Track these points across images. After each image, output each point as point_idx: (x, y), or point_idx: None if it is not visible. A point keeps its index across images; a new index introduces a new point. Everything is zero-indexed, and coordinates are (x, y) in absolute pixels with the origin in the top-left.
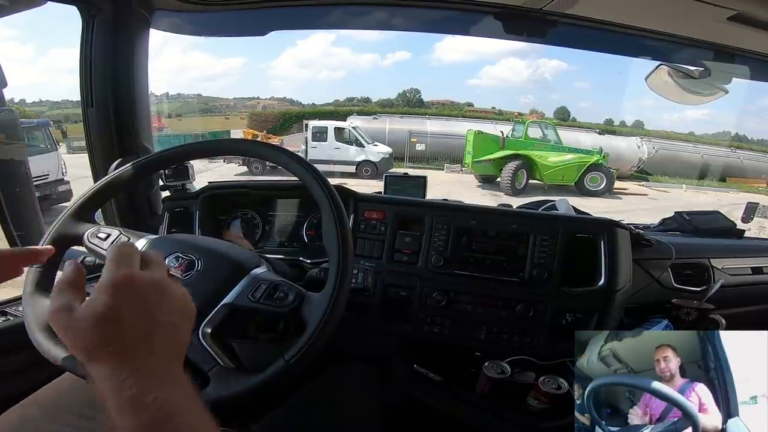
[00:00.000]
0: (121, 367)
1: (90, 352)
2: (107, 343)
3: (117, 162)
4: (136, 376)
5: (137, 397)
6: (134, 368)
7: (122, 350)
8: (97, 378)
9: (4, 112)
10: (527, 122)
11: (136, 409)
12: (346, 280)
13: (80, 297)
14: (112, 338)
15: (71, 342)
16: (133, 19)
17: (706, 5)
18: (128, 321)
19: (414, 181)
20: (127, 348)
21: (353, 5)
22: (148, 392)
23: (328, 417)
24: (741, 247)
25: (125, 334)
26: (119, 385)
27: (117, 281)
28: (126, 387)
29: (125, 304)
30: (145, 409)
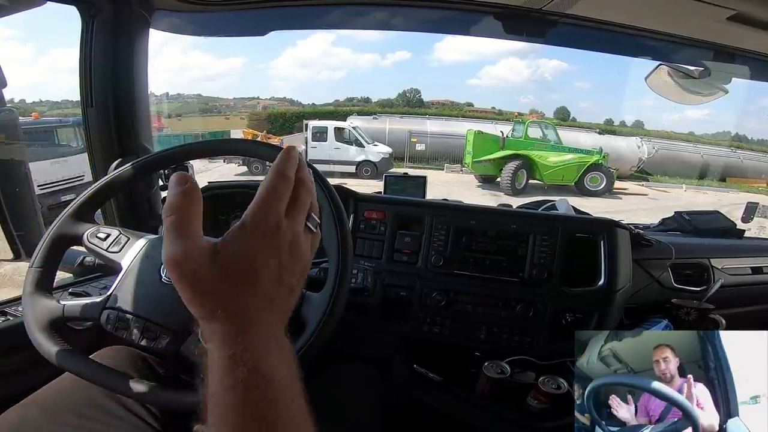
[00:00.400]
0: (233, 328)
1: (209, 311)
2: (230, 298)
3: (117, 162)
4: (254, 343)
5: (252, 370)
6: (256, 334)
7: (247, 313)
8: (206, 336)
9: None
10: (527, 122)
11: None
12: (345, 280)
13: (198, 231)
14: (236, 292)
15: (192, 295)
16: (132, 19)
17: (706, 5)
18: (264, 282)
19: (414, 181)
20: (252, 311)
21: (353, 5)
22: (260, 361)
23: (328, 417)
24: (741, 247)
25: (249, 290)
26: (234, 353)
27: (262, 227)
28: (241, 356)
29: (259, 256)
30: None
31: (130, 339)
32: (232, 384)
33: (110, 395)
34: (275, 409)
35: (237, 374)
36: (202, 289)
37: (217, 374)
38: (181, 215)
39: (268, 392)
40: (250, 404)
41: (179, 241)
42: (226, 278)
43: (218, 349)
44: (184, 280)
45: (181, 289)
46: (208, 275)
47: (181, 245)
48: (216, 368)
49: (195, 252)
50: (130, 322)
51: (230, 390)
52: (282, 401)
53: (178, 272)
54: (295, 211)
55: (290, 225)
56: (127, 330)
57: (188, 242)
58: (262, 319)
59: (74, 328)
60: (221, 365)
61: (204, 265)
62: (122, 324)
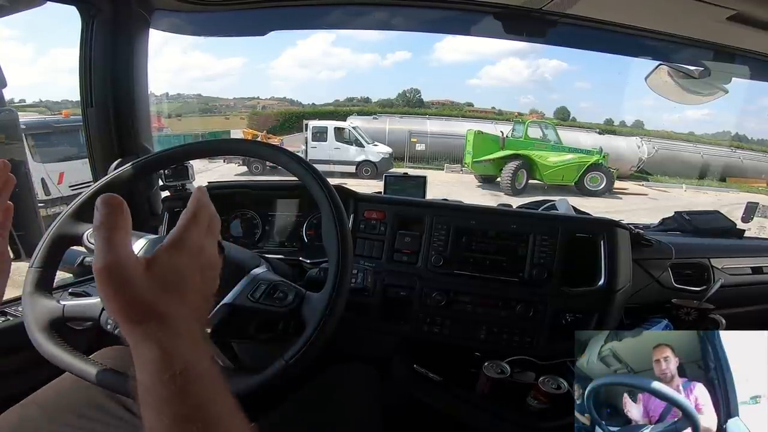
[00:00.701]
0: (167, 329)
1: (142, 314)
2: (164, 304)
3: (117, 162)
4: (185, 344)
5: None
6: (186, 336)
7: (177, 317)
8: (135, 341)
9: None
10: (527, 122)
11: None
12: (345, 280)
13: (127, 243)
14: (170, 299)
15: (125, 300)
16: (132, 19)
17: (706, 5)
18: (190, 293)
19: (414, 181)
20: (182, 316)
21: (353, 5)
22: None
23: (328, 417)
24: (741, 247)
25: (179, 298)
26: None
27: (189, 247)
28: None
29: (187, 270)
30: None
31: None
32: (169, 377)
33: (110, 395)
34: (215, 402)
35: (173, 369)
36: (134, 296)
37: (152, 370)
38: (113, 231)
39: (205, 387)
40: (190, 396)
41: (112, 253)
42: (159, 287)
43: (152, 348)
44: (113, 288)
45: (109, 296)
46: (140, 284)
47: (113, 256)
48: (149, 365)
49: (128, 262)
50: None
51: (168, 383)
52: (216, 397)
53: (110, 281)
54: (211, 236)
55: (210, 247)
56: None
57: (120, 255)
58: (190, 324)
59: (74, 328)
60: (157, 362)
61: (138, 274)
62: None
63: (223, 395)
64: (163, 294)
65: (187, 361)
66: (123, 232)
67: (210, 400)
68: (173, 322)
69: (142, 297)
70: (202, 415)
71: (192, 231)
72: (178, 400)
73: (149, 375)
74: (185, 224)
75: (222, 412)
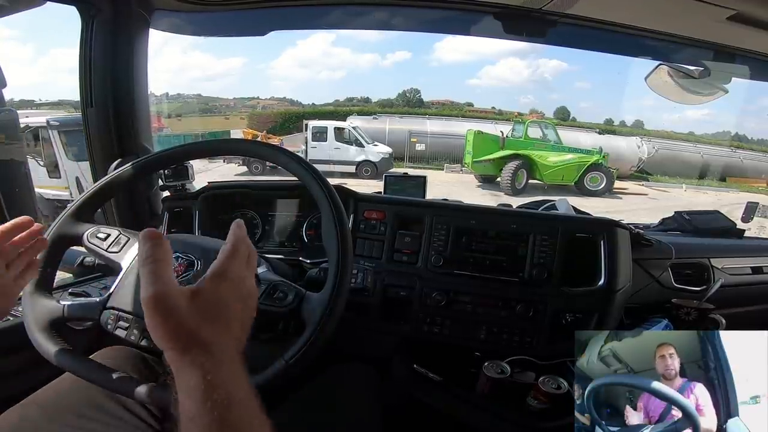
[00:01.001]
0: (211, 358)
1: (187, 342)
2: (209, 333)
3: (117, 162)
4: (227, 372)
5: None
6: (228, 363)
7: (220, 346)
8: (178, 368)
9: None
10: (527, 122)
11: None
12: (345, 280)
13: (171, 274)
14: (215, 329)
15: (171, 328)
16: (132, 19)
17: (706, 5)
18: (232, 322)
19: (414, 181)
20: (225, 344)
21: (353, 5)
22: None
23: (328, 417)
24: (741, 247)
25: (224, 328)
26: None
27: (231, 278)
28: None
29: (230, 300)
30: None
31: (130, 339)
32: (213, 404)
33: (110, 395)
34: (251, 428)
35: (216, 397)
36: (180, 324)
37: (196, 397)
38: (158, 263)
39: (244, 414)
40: (230, 422)
41: (159, 284)
42: (204, 316)
43: (196, 374)
44: (161, 316)
45: (157, 324)
46: (187, 313)
47: (161, 287)
48: (193, 392)
49: (174, 292)
50: (130, 322)
51: (212, 409)
52: (254, 422)
53: (157, 309)
54: (250, 268)
55: (249, 279)
56: (127, 330)
57: (167, 285)
58: (232, 352)
59: (74, 328)
60: (200, 389)
61: (183, 304)
62: (122, 324)
63: (260, 422)
64: (207, 323)
65: (228, 388)
66: (166, 263)
67: (248, 425)
68: (216, 349)
69: (188, 325)
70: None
71: (234, 263)
72: (218, 426)
73: (193, 402)
74: (227, 256)
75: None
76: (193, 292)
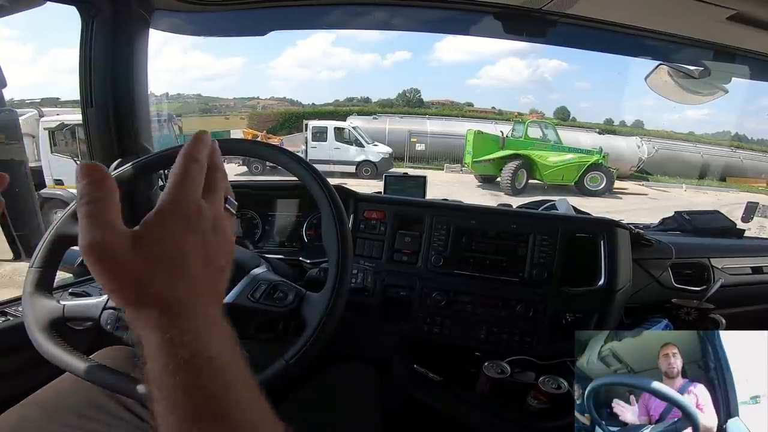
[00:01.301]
0: (168, 312)
1: (138, 296)
2: (160, 284)
3: (117, 162)
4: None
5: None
6: (190, 318)
7: (177, 297)
8: (138, 328)
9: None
10: (527, 122)
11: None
12: (345, 280)
13: (114, 216)
14: (167, 278)
15: (116, 282)
16: (132, 19)
17: (706, 5)
18: (191, 266)
19: (414, 181)
20: (183, 295)
21: (353, 5)
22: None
23: (328, 417)
24: (741, 246)
25: (179, 274)
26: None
27: (181, 210)
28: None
29: (184, 239)
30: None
31: (130, 339)
32: (176, 366)
33: (110, 395)
34: (231, 390)
35: (179, 356)
36: (126, 275)
37: (158, 359)
38: (97, 204)
39: (216, 375)
40: (201, 384)
41: (96, 228)
42: (151, 263)
43: (153, 334)
44: (103, 267)
45: (100, 276)
46: (131, 261)
47: (98, 232)
48: (155, 353)
49: (115, 238)
50: None
51: (175, 372)
52: (232, 384)
53: (96, 259)
54: (211, 194)
55: (210, 207)
56: (127, 330)
57: (106, 229)
58: (195, 302)
59: (74, 328)
60: (160, 349)
61: (126, 251)
62: (122, 324)
63: (242, 382)
64: (156, 272)
65: (194, 346)
66: (107, 203)
67: (225, 388)
68: (173, 303)
69: (135, 275)
70: (215, 408)
71: (183, 190)
72: (183, 391)
73: (154, 364)
74: (174, 182)
75: (240, 400)
76: (134, 235)
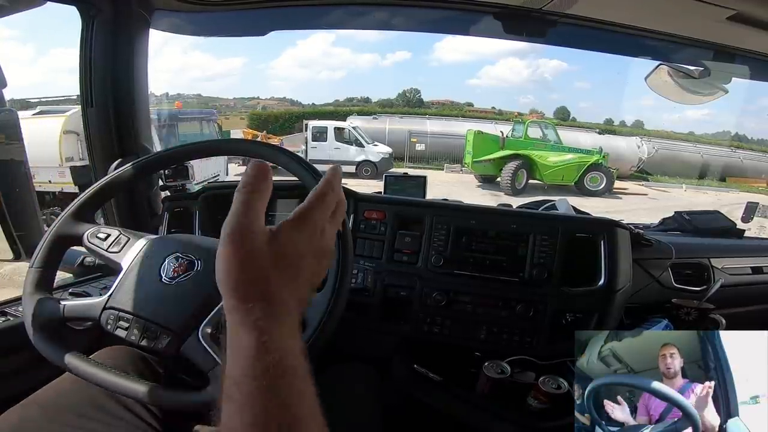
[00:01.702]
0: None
1: (252, 290)
2: (278, 290)
3: (117, 162)
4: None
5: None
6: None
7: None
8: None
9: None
10: (527, 122)
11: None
12: (345, 280)
13: (263, 211)
14: (282, 279)
15: (242, 270)
16: (132, 19)
17: (706, 5)
18: (302, 277)
19: (414, 181)
20: (287, 301)
21: (353, 5)
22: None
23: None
24: (741, 247)
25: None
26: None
27: (313, 225)
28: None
29: (306, 250)
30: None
31: (130, 339)
32: (263, 369)
33: (110, 395)
34: (301, 401)
35: (267, 361)
36: (254, 267)
37: (244, 359)
38: (255, 194)
39: (294, 383)
40: (278, 391)
41: (246, 216)
42: (275, 264)
43: (249, 334)
44: (238, 253)
45: (230, 260)
46: (261, 257)
47: (246, 220)
48: (244, 352)
49: (257, 229)
50: (130, 322)
51: (261, 375)
52: (306, 395)
53: (239, 244)
54: (334, 222)
55: (330, 232)
56: (127, 330)
57: (253, 220)
58: (292, 312)
59: (74, 328)
60: (252, 350)
61: (261, 245)
62: (122, 324)
63: (309, 394)
64: (277, 272)
65: (282, 352)
66: (262, 198)
67: (296, 398)
68: (278, 305)
69: (259, 270)
70: (285, 416)
71: (317, 210)
72: (264, 394)
73: (242, 363)
74: (312, 202)
75: (305, 415)
76: (273, 233)
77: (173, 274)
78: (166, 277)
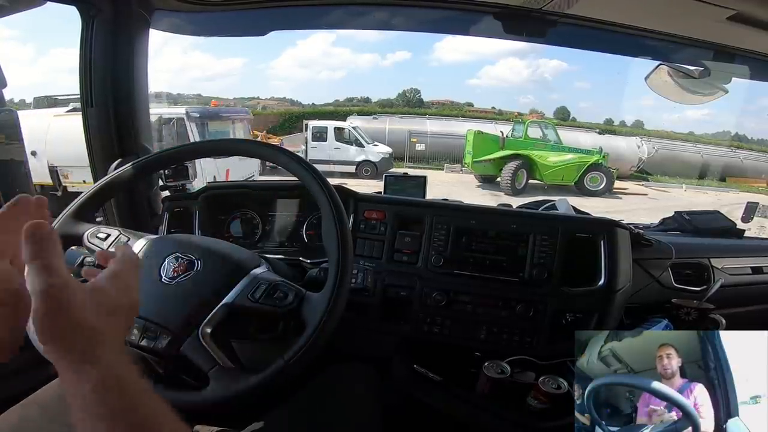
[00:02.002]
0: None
1: (87, 341)
2: (106, 333)
3: (117, 162)
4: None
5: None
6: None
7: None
8: (66, 369)
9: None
10: (527, 122)
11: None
12: (345, 280)
13: (65, 268)
14: (108, 328)
15: (73, 324)
16: (132, 19)
17: (706, 5)
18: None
19: (414, 181)
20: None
21: (353, 5)
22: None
23: (328, 417)
24: (741, 247)
25: (113, 325)
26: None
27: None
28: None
29: (120, 294)
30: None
31: (129, 339)
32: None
33: None
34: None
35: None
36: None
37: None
38: (50, 258)
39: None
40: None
41: (54, 276)
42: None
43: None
44: (61, 313)
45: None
46: (84, 309)
47: (58, 278)
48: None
49: (72, 284)
50: None
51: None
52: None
53: (54, 305)
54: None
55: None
56: None
57: (63, 277)
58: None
59: None
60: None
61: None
62: None
63: (148, 398)
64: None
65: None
66: (60, 258)
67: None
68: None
69: (87, 322)
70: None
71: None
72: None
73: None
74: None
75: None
76: (87, 286)
77: (173, 274)
78: (165, 277)
